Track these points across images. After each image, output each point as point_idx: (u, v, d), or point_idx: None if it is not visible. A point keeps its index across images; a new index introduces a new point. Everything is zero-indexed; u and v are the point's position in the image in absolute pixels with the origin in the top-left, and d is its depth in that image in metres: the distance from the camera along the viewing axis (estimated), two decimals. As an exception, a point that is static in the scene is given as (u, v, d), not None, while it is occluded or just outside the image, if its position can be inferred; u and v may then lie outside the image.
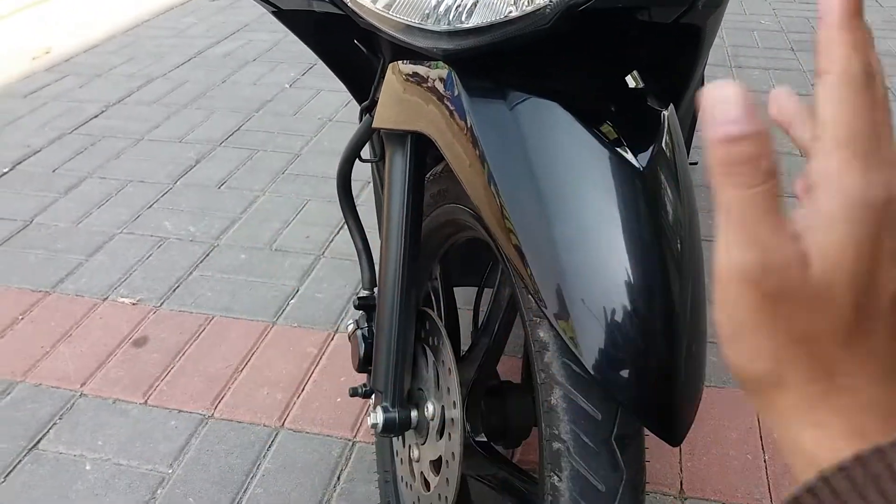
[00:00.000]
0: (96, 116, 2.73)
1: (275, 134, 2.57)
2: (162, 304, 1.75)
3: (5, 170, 2.36)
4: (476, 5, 0.69)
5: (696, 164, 2.23)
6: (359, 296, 1.08)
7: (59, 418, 1.44)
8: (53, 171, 2.35)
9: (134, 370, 1.55)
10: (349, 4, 0.73)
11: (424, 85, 0.83)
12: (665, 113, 0.77)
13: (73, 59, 3.30)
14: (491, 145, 0.73)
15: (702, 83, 1.18)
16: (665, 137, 0.74)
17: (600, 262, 0.67)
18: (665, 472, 1.32)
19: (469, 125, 0.75)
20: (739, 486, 1.29)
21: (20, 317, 1.72)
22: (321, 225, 2.04)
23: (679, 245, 0.70)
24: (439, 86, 0.80)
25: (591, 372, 0.66)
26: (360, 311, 1.07)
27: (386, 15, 0.71)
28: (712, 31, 0.87)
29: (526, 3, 0.67)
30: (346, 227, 1.22)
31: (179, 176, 2.31)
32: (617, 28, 0.83)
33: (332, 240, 1.96)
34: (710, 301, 0.32)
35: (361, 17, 0.74)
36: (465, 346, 1.06)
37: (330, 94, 2.84)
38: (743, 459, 1.34)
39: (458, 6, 0.69)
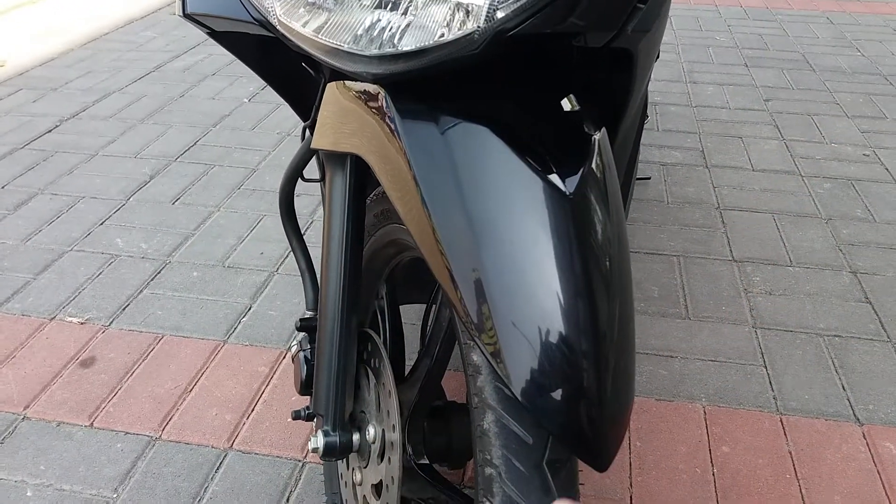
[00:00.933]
0: (50, 131, 2.69)
1: (232, 149, 2.55)
2: (111, 323, 1.72)
3: (-47, 186, 2.32)
4: (407, 28, 0.69)
5: (648, 178, 2.26)
6: (301, 317, 1.08)
7: (0, 442, 1.41)
8: (2, 187, 2.31)
9: (80, 392, 1.52)
10: (279, 28, 0.73)
11: (359, 106, 0.83)
12: (596, 137, 0.78)
13: (29, 72, 3.25)
14: (423, 168, 0.73)
15: (645, 101, 1.19)
16: (595, 160, 0.75)
17: (528, 286, 0.67)
18: (615, 486, 1.33)
19: (402, 147, 0.75)
20: (688, 500, 1.30)
21: (-36, 338, 1.68)
22: (276, 241, 2.03)
23: (608, 265, 0.71)
24: (373, 107, 0.80)
25: (520, 397, 0.66)
26: (303, 333, 1.07)
27: (316, 39, 0.71)
28: (647, 54, 0.88)
29: (456, 27, 0.68)
30: None
31: (133, 192, 2.28)
32: (549, 52, 0.84)
33: (287, 256, 1.95)
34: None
35: (291, 41, 0.74)
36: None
37: (289, 108, 2.82)
38: (692, 473, 1.35)
39: (389, 29, 0.70)
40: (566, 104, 0.85)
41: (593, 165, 0.74)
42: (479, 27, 0.67)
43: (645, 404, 1.49)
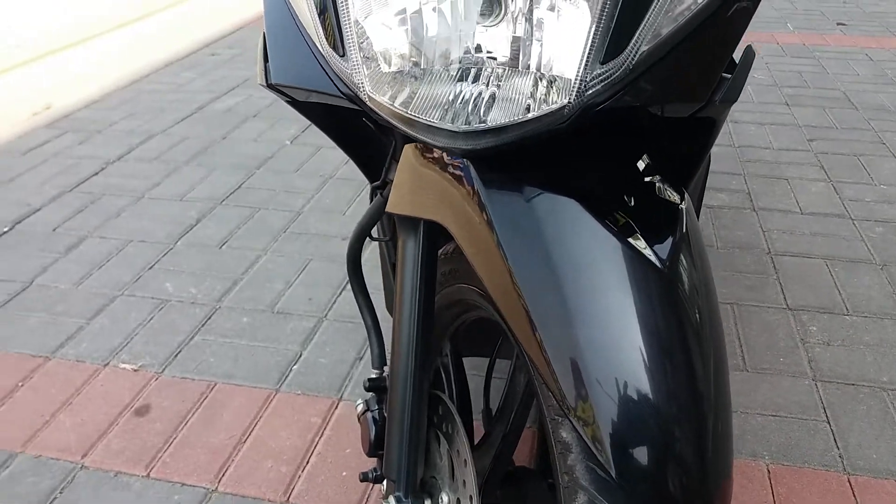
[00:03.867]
0: (96, 174, 2.73)
1: (276, 192, 2.58)
2: (164, 370, 1.73)
3: (5, 229, 2.35)
4: (493, 102, 0.69)
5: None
6: (369, 377, 1.07)
7: (60, 492, 1.41)
8: (53, 230, 2.35)
9: (136, 441, 1.52)
10: (367, 103, 0.73)
11: (439, 173, 0.83)
12: (682, 206, 0.77)
13: (73, 114, 3.31)
14: (509, 241, 0.72)
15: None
16: (683, 229, 0.74)
17: (625, 365, 0.66)
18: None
19: (486, 218, 0.75)
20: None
21: (20, 384, 1.69)
22: (324, 285, 2.03)
23: (703, 340, 0.70)
24: (455, 175, 0.80)
25: (617, 480, 0.64)
26: (371, 393, 1.06)
27: (404, 113, 0.71)
28: (724, 118, 0.88)
29: (544, 103, 0.67)
30: (349, 287, 1.21)
31: (180, 235, 2.30)
32: (630, 119, 0.84)
33: (335, 301, 1.95)
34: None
35: (379, 115, 0.74)
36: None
37: (330, 151, 2.85)
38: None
39: (476, 102, 0.69)
40: (641, 165, 0.85)
41: (681, 235, 0.74)
42: (569, 102, 0.66)
43: (707, 460, 1.45)
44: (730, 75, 0.79)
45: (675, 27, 0.69)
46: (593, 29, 0.66)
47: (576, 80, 0.66)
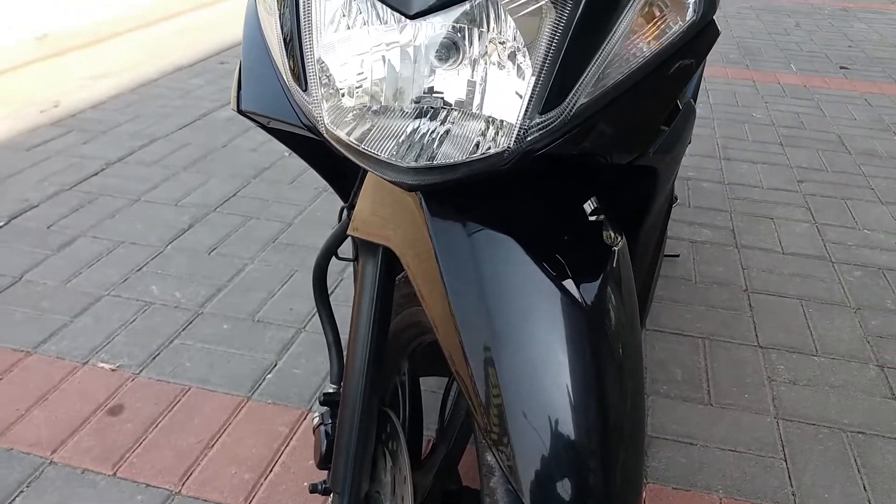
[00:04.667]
0: (96, 174, 2.79)
1: (269, 202, 2.62)
2: (141, 371, 1.76)
3: (0, 223, 2.40)
4: (443, 143, 0.73)
5: (677, 256, 2.27)
6: (325, 391, 1.11)
7: (27, 486, 1.44)
8: (48, 227, 2.39)
9: (106, 439, 1.56)
10: (325, 136, 0.77)
11: (394, 203, 0.87)
12: (616, 248, 0.80)
13: (80, 114, 3.37)
14: (451, 271, 0.76)
15: (671, 196, 1.21)
16: (613, 271, 0.78)
17: (543, 395, 0.70)
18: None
19: (433, 249, 0.79)
20: None
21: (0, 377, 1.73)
22: (305, 297, 2.07)
23: (622, 375, 0.73)
24: (408, 206, 0.84)
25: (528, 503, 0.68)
26: (326, 407, 1.09)
27: (358, 147, 0.75)
28: (669, 168, 0.91)
29: (489, 145, 0.71)
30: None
31: (171, 240, 2.35)
32: (577, 165, 0.87)
33: (315, 313, 1.99)
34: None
35: (335, 147, 0.78)
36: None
37: (326, 164, 2.90)
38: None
39: (427, 142, 0.73)
40: (588, 207, 0.88)
41: (611, 276, 0.77)
42: (509, 147, 0.70)
43: (662, 492, 1.48)
44: (667, 128, 0.84)
45: (614, 82, 0.73)
46: (533, 81, 0.70)
47: (516, 126, 0.70)
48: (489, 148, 0.71)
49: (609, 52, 0.73)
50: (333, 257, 1.13)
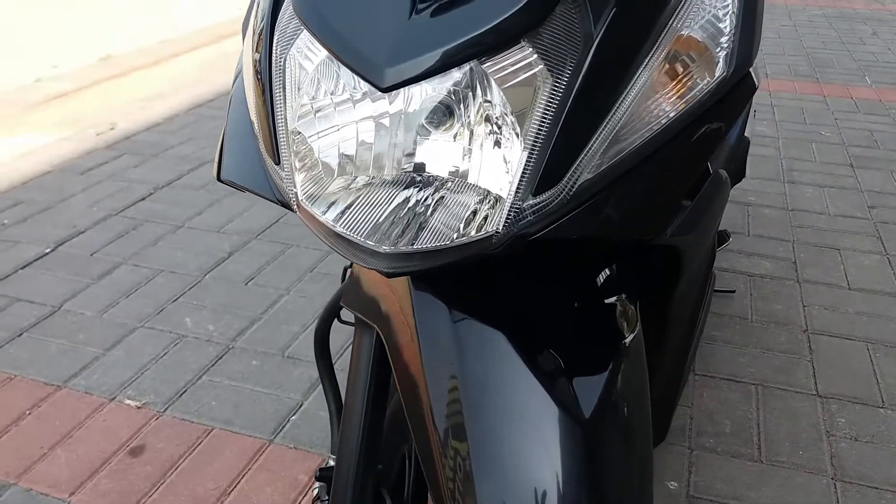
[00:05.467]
0: (143, 199, 2.81)
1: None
2: (166, 409, 1.74)
3: (47, 250, 2.43)
4: (427, 223, 0.65)
5: (733, 292, 2.13)
6: (322, 466, 1.04)
7: (42, 531, 1.43)
8: (91, 254, 2.41)
9: (124, 482, 1.53)
10: (298, 214, 0.71)
11: (383, 279, 0.80)
12: (627, 340, 0.71)
13: (134, 136, 3.42)
14: (432, 367, 0.69)
15: (711, 260, 1.08)
16: (622, 372, 0.68)
17: None
18: None
19: (416, 337, 0.71)
20: None
21: (27, 412, 1.73)
22: (336, 332, 2.01)
23: (616, 495, 0.64)
24: (396, 288, 0.77)
25: None
26: (322, 483, 1.03)
27: (333, 228, 0.67)
28: (696, 245, 0.81)
29: (475, 229, 0.63)
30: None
31: (210, 269, 2.33)
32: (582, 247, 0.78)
33: (344, 352, 1.93)
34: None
35: (309, 227, 0.71)
36: None
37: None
38: None
39: (409, 221, 0.65)
40: (601, 280, 0.79)
41: (618, 378, 0.68)
42: (497, 231, 0.62)
43: (700, 562, 1.37)
44: (689, 203, 0.73)
45: (626, 153, 0.64)
46: (525, 157, 0.61)
47: (505, 209, 0.62)
48: (476, 232, 0.63)
49: (619, 119, 0.63)
50: (336, 320, 1.07)
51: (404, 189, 0.66)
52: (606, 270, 0.79)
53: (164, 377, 1.84)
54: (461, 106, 0.64)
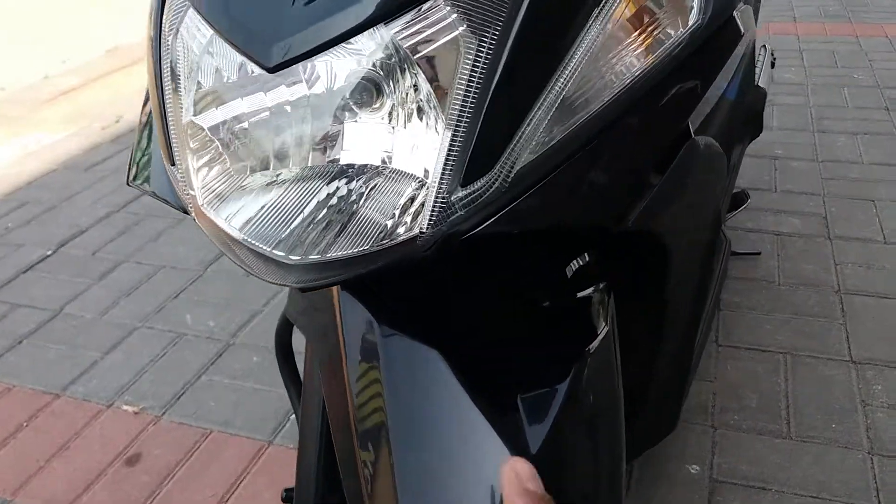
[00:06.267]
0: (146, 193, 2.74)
1: (314, 213, 2.50)
2: (164, 413, 1.68)
3: (48, 252, 2.39)
4: (345, 226, 0.55)
5: (758, 253, 1.99)
6: (287, 487, 0.96)
7: (36, 548, 1.38)
8: (93, 253, 2.36)
9: (119, 494, 1.48)
10: (196, 220, 0.61)
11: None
12: (593, 346, 0.60)
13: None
14: (358, 385, 0.60)
15: (717, 227, 0.94)
16: (584, 383, 0.58)
17: None
18: None
19: (344, 355, 0.62)
20: None
21: (25, 423, 1.68)
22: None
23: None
24: (327, 296, 0.68)
25: None
26: None
27: (235, 235, 0.57)
28: (682, 226, 0.69)
29: (398, 229, 0.53)
30: None
31: (211, 262, 2.26)
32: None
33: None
34: None
35: (210, 238, 0.61)
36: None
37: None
38: None
39: (328, 223, 0.55)
40: (573, 268, 0.68)
41: (580, 395, 0.57)
42: (421, 232, 0.52)
43: (724, 554, 1.27)
44: (655, 185, 0.61)
45: (574, 129, 0.53)
46: (447, 143, 0.51)
47: (428, 205, 0.52)
48: (399, 233, 0.53)
49: (565, 85, 0.52)
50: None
51: (323, 185, 0.56)
52: (579, 259, 0.69)
53: (162, 379, 1.78)
54: (391, 81, 0.54)
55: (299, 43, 0.50)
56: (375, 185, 0.55)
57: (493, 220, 0.53)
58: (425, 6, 0.48)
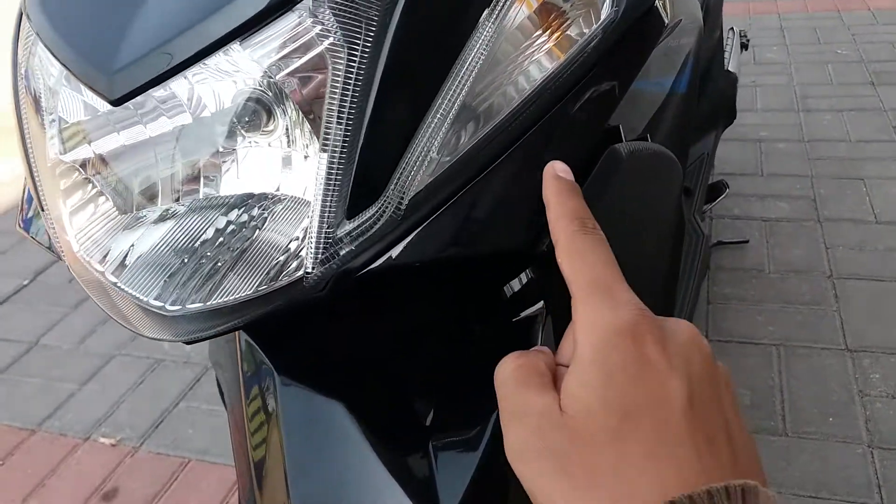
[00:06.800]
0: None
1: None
2: (142, 444, 1.63)
3: (25, 282, 2.34)
4: (232, 268, 0.50)
5: (746, 241, 1.94)
6: None
7: None
8: (70, 280, 2.31)
9: (96, 533, 1.43)
10: (68, 266, 0.54)
11: None
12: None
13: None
14: (256, 439, 0.54)
15: (680, 234, 0.87)
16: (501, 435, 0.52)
17: None
18: None
19: (243, 399, 0.57)
20: None
21: (0, 462, 1.63)
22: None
23: None
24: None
25: None
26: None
27: (114, 283, 0.52)
28: (621, 238, 0.63)
29: (284, 270, 0.48)
30: None
31: (189, 282, 2.21)
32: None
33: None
34: None
35: (83, 286, 0.55)
36: None
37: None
38: None
39: (211, 269, 0.50)
40: (514, 287, 0.62)
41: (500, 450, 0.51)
42: (305, 273, 0.47)
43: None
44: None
45: (475, 144, 0.47)
46: (324, 171, 0.45)
47: (311, 240, 0.47)
48: (285, 273, 0.48)
49: (458, 94, 0.47)
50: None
51: (211, 221, 0.51)
52: (518, 280, 0.62)
53: (140, 408, 1.73)
54: (280, 102, 0.48)
55: (141, 71, 0.44)
56: (269, 217, 0.50)
57: (388, 253, 0.47)
58: (284, 20, 0.42)
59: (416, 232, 0.46)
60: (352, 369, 0.54)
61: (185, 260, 0.50)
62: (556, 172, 0.46)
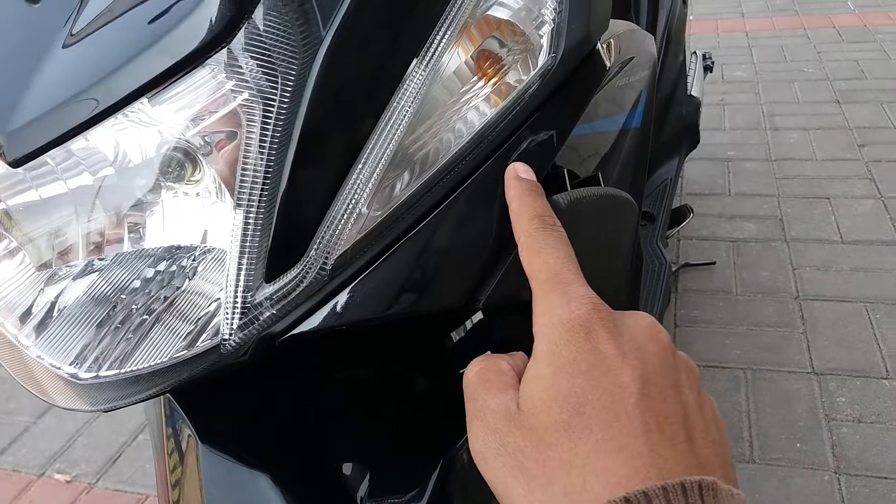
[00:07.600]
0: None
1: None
2: (97, 480, 1.58)
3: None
4: (150, 330, 0.47)
5: (713, 263, 1.94)
6: None
7: None
8: (28, 308, 2.25)
9: (48, 575, 1.38)
10: None
11: None
12: (460, 443, 0.52)
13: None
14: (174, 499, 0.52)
15: (637, 272, 0.86)
16: (443, 498, 0.49)
17: None
18: None
19: (165, 464, 0.54)
20: None
21: (-51, 502, 1.58)
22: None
23: None
24: None
25: None
26: None
27: (26, 349, 0.48)
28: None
29: (204, 337, 0.45)
30: None
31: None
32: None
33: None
34: None
35: None
36: None
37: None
38: None
39: (130, 331, 0.47)
40: (460, 334, 0.59)
41: None
42: (222, 340, 0.44)
43: None
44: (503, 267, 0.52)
45: (406, 198, 0.45)
46: (240, 232, 0.43)
47: (229, 305, 0.44)
48: (202, 339, 0.45)
49: (388, 146, 0.44)
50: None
51: (134, 276, 0.48)
52: (465, 325, 0.60)
53: (96, 442, 1.68)
54: (208, 152, 0.46)
55: (39, 132, 0.41)
56: (200, 267, 0.47)
57: (313, 317, 0.44)
58: (194, 75, 0.40)
59: (343, 293, 0.43)
60: (279, 435, 0.51)
61: (110, 313, 0.47)
62: (518, 173, 0.46)
